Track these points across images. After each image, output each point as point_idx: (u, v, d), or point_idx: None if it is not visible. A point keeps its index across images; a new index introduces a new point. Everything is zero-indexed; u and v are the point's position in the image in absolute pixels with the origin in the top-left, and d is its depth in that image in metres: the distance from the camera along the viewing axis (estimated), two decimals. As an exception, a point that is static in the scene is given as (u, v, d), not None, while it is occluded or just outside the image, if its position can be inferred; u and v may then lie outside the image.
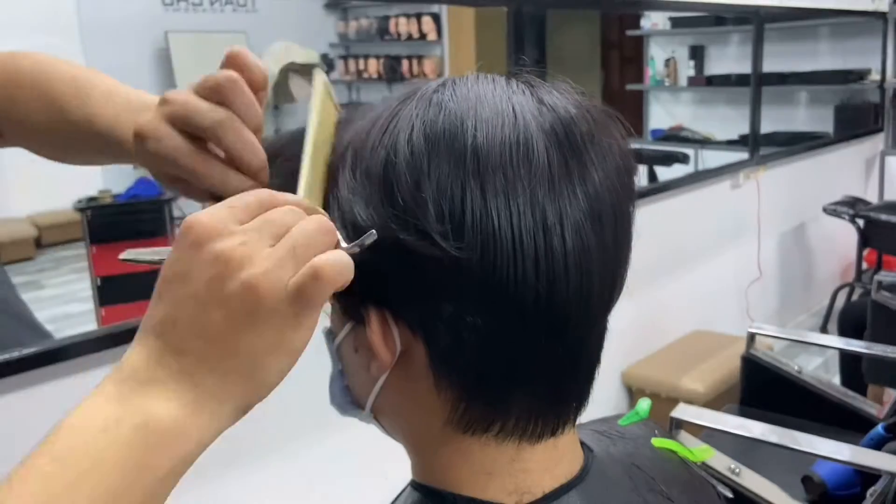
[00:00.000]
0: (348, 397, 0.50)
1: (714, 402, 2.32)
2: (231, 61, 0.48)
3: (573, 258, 0.41)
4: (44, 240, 5.01)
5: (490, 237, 0.40)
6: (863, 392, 2.09)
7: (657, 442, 0.60)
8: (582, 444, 0.52)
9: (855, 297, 3.38)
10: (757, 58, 3.14)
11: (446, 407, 0.45)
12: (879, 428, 1.46)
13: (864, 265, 3.50)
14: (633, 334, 2.58)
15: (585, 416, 0.57)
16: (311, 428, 1.61)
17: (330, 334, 0.50)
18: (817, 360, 3.18)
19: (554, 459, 0.47)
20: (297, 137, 0.47)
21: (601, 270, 0.43)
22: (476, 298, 0.41)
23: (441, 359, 0.43)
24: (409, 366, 0.44)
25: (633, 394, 2.56)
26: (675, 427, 1.47)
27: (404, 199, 0.41)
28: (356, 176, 0.43)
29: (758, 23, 3.10)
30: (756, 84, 3.17)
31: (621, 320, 2.43)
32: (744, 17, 3.37)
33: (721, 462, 1.36)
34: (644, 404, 0.70)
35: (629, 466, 0.54)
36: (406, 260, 0.41)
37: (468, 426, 0.45)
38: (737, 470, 1.35)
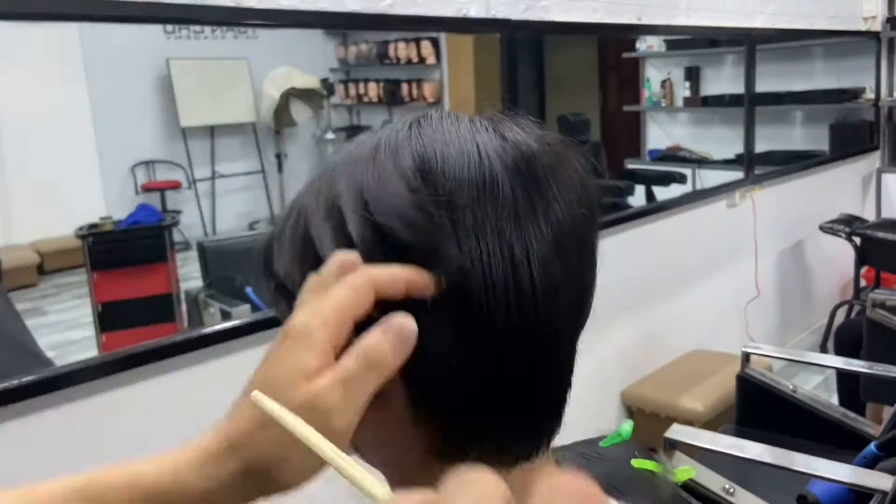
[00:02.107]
0: None
1: (714, 422, 2.32)
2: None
3: (541, 291, 0.43)
4: (46, 266, 5.04)
5: (462, 278, 0.41)
6: (861, 410, 2.09)
7: (637, 463, 0.61)
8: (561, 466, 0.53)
9: (854, 314, 3.38)
10: (749, 79, 3.17)
11: (425, 439, 0.45)
12: (872, 446, 1.47)
13: (863, 283, 3.51)
14: (631, 354, 2.58)
15: (583, 435, 0.59)
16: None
17: None
18: (817, 379, 3.18)
19: (530, 483, 0.49)
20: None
21: (569, 299, 0.45)
22: (450, 338, 0.42)
23: (419, 397, 0.44)
24: (387, 404, 0.45)
25: (632, 413, 2.56)
26: (670, 447, 1.47)
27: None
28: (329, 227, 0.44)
29: (750, 44, 3.13)
30: (749, 104, 3.20)
31: (620, 340, 2.42)
32: (736, 39, 3.41)
33: (715, 482, 1.37)
34: (626, 426, 0.71)
35: (607, 488, 0.55)
36: (380, 305, 0.42)
37: (444, 455, 0.46)
38: (731, 490, 1.35)
